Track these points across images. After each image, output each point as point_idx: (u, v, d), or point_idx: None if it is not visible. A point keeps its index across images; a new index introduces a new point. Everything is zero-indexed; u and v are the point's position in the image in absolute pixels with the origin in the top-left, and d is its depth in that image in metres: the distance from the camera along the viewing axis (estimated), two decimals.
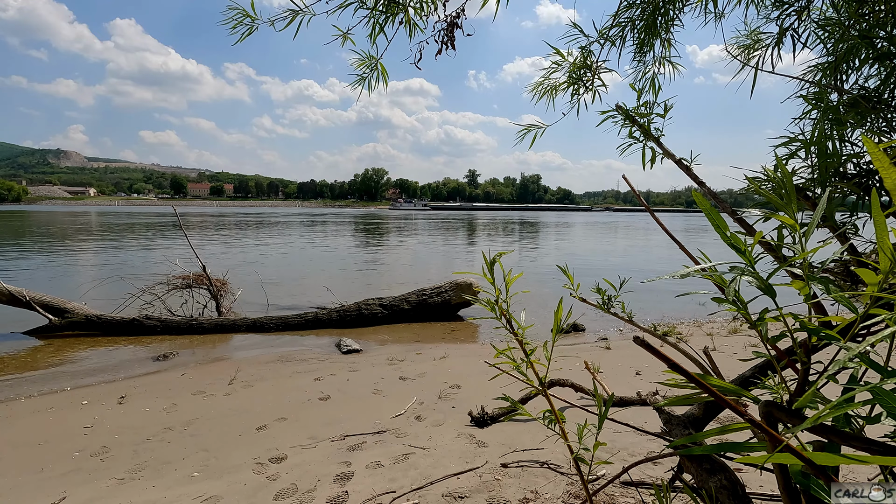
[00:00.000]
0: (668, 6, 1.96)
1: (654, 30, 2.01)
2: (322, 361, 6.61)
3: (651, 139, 1.30)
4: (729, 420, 3.84)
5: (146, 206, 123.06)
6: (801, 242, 0.74)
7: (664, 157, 1.31)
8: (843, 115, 1.44)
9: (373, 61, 2.14)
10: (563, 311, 1.39)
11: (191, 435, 4.15)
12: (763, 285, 0.78)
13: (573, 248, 26.34)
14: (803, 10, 1.53)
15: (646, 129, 1.29)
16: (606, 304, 1.39)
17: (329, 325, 8.63)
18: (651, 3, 1.91)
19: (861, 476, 2.80)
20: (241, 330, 8.25)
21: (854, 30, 1.41)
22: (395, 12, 2.01)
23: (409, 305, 9.25)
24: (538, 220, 67.28)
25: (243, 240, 27.38)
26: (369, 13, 2.00)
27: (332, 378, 5.73)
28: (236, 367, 6.23)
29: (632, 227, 50.42)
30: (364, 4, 1.95)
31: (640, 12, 1.97)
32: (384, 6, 1.97)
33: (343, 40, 2.07)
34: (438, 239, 32.34)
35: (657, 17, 1.96)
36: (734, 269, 0.83)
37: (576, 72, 2.20)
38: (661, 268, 17.77)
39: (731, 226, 1.21)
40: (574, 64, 2.19)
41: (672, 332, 7.51)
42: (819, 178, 1.14)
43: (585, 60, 2.12)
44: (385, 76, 2.19)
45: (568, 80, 2.23)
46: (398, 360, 6.54)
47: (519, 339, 1.29)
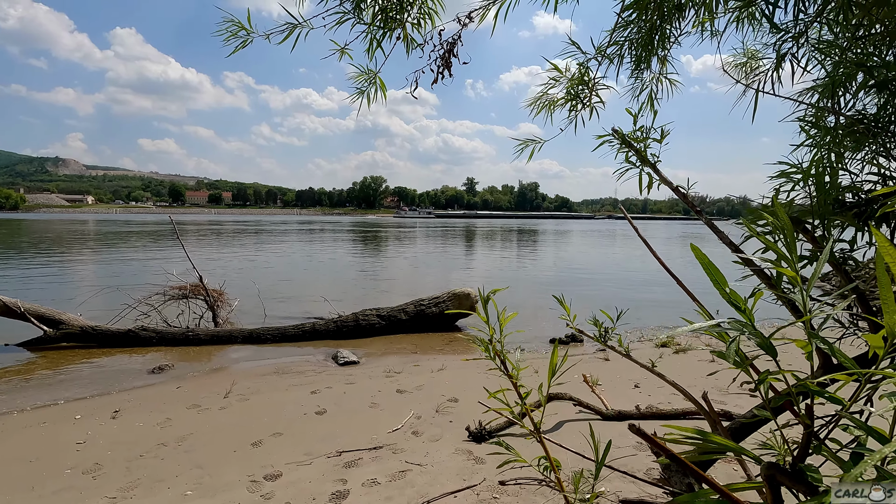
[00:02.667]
0: (665, 26, 1.94)
1: (651, 48, 2.00)
2: (319, 374, 6.54)
3: (648, 165, 1.28)
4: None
5: (144, 215, 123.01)
6: (804, 296, 0.71)
7: (661, 183, 1.29)
8: (841, 141, 1.42)
9: (371, 75, 2.12)
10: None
11: (185, 451, 4.08)
12: (764, 343, 0.76)
13: (572, 258, 26.32)
14: (800, 36, 1.52)
15: (643, 155, 1.26)
16: (603, 336, 1.35)
17: (326, 336, 8.56)
18: (648, 22, 1.90)
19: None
20: (238, 341, 8.18)
21: (851, 52, 1.40)
22: (393, 28, 1.99)
23: (407, 316, 9.20)
24: (540, 228, 67.37)
25: (241, 248, 27.33)
26: (367, 28, 1.98)
27: (328, 391, 5.67)
28: (232, 379, 6.16)
29: (628, 236, 50.54)
30: (361, 20, 1.93)
31: (637, 30, 1.96)
32: (381, 22, 1.96)
33: (340, 55, 2.05)
34: (437, 247, 32.32)
35: (654, 35, 1.94)
36: (734, 323, 0.80)
37: (574, 88, 2.19)
38: (655, 277, 17.74)
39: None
40: (572, 80, 2.18)
41: (671, 342, 7.47)
42: (818, 211, 1.11)
43: (583, 77, 2.10)
44: (384, 90, 2.17)
45: (566, 95, 2.22)
46: (395, 373, 6.48)
47: (513, 381, 1.25)
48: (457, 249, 31.31)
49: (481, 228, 65.23)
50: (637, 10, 1.90)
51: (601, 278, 17.32)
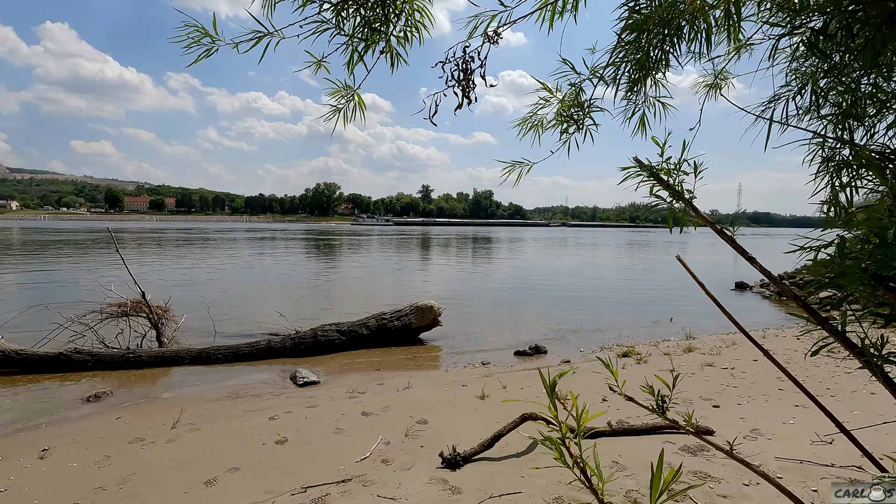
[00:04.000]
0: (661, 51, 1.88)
1: (647, 70, 1.93)
2: (277, 396, 6.17)
3: (683, 202, 1.17)
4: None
5: (77, 221, 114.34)
6: None
7: (699, 223, 1.19)
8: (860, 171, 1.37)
9: (350, 91, 1.94)
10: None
11: (127, 495, 3.67)
12: None
13: (530, 264, 26.68)
14: (835, 69, 1.47)
15: (678, 192, 1.16)
16: (661, 407, 1.23)
17: (283, 355, 8.14)
18: (648, 44, 1.82)
19: None
20: (186, 362, 7.62)
21: (867, 84, 1.37)
22: (376, 40, 1.82)
23: (368, 331, 8.92)
24: (495, 236, 68.11)
25: (187, 259, 25.86)
26: (347, 40, 1.80)
27: (288, 416, 5.33)
28: (180, 406, 5.68)
29: (580, 244, 52.14)
30: (341, 30, 1.75)
31: (635, 51, 1.88)
32: (364, 34, 1.78)
33: (316, 68, 1.86)
34: (393, 256, 31.95)
35: (651, 57, 1.88)
36: None
37: (565, 109, 2.10)
38: (612, 282, 18.27)
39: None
40: (563, 102, 2.09)
41: (632, 352, 7.60)
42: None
43: (577, 98, 2.01)
44: (362, 108, 1.99)
45: (557, 117, 2.13)
46: (359, 393, 6.21)
47: (599, 498, 1.08)
48: (413, 258, 31.08)
49: (438, 236, 65.25)
50: (637, 32, 1.82)
51: (558, 285, 17.60)
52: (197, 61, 1.58)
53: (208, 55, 1.59)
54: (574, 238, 67.56)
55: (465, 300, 14.07)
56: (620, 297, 15.25)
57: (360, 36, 1.80)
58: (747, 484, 3.25)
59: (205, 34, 1.56)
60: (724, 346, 7.96)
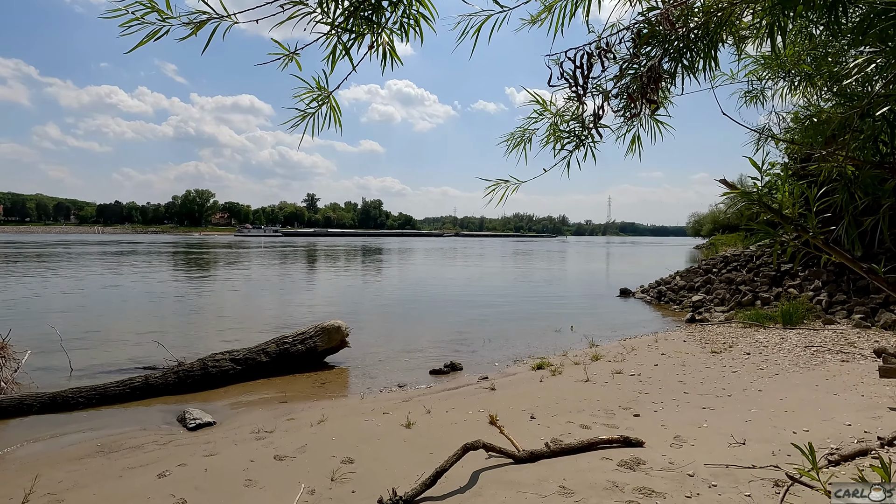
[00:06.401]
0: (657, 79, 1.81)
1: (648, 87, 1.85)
2: (163, 446, 5.19)
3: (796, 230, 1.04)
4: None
5: None
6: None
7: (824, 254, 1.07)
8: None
9: (324, 94, 1.57)
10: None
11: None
12: None
13: (427, 275, 26.74)
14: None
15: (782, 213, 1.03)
16: None
17: (165, 392, 6.96)
18: (652, 59, 1.73)
19: None
20: (35, 410, 6.15)
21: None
22: (366, 33, 1.48)
23: (269, 357, 8.05)
24: (388, 247, 67.47)
25: (25, 280, 21.51)
26: (330, 30, 1.44)
27: (182, 471, 4.47)
28: (33, 471, 4.47)
29: (469, 254, 54.02)
30: (326, 17, 1.39)
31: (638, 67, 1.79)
32: (353, 25, 1.44)
33: (285, 62, 1.47)
34: (279, 270, 29.99)
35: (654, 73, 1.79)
36: None
37: (559, 125, 1.95)
38: (510, 290, 18.97)
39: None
40: (560, 115, 1.94)
41: (545, 363, 7.80)
42: None
43: (579, 114, 1.87)
44: (337, 114, 1.63)
45: (550, 134, 1.97)
46: (267, 432, 5.48)
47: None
48: (301, 272, 29.48)
49: (329, 247, 62.92)
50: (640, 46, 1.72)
51: (459, 295, 17.79)
52: (141, 45, 1.11)
53: (155, 37, 1.13)
54: (463, 247, 69.71)
55: (367, 316, 13.54)
56: (520, 305, 15.85)
57: (345, 26, 1.45)
58: (689, 496, 3.37)
59: (152, 9, 1.10)
60: (626, 351, 8.54)
